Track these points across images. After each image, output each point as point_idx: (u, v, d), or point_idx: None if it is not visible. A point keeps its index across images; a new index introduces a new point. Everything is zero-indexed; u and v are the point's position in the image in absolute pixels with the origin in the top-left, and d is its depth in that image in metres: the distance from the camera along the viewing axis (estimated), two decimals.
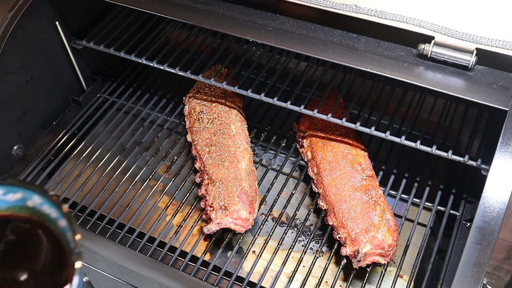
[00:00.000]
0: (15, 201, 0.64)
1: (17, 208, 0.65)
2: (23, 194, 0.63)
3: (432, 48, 0.92)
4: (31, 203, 0.63)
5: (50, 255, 0.63)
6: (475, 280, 0.83)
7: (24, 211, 0.64)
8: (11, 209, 0.65)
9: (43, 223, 0.64)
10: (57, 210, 0.61)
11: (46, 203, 0.62)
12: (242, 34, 1.02)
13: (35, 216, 0.64)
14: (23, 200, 0.64)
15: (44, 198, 0.62)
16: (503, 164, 0.85)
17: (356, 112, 1.38)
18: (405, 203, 1.19)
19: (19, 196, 0.64)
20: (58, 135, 1.37)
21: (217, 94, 1.32)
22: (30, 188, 0.63)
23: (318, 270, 1.13)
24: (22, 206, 0.64)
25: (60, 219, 0.61)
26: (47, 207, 0.63)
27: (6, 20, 1.16)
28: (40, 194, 0.62)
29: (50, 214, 0.63)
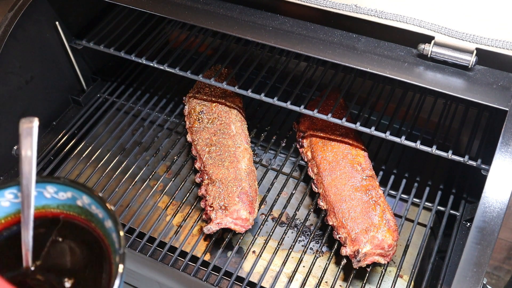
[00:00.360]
0: (65, 199, 0.66)
1: (66, 206, 0.67)
2: (73, 193, 0.66)
3: (432, 48, 0.92)
4: (80, 203, 0.66)
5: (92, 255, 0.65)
6: (475, 280, 0.83)
7: (73, 210, 0.67)
8: (61, 207, 0.67)
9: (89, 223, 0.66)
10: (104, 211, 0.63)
11: (94, 203, 0.64)
12: (242, 34, 1.02)
13: (83, 215, 0.66)
14: (73, 199, 0.66)
15: (92, 199, 0.64)
16: (503, 164, 0.85)
17: (356, 112, 1.38)
18: (405, 203, 1.19)
19: (69, 195, 0.66)
20: (58, 135, 1.37)
21: (217, 94, 1.32)
22: (80, 188, 0.65)
23: (318, 270, 1.13)
24: (71, 205, 0.67)
25: (107, 219, 0.63)
26: (95, 208, 0.64)
27: (6, 20, 1.16)
28: (89, 194, 0.64)
29: (98, 214, 0.64)
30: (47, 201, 0.67)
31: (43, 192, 0.66)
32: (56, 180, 0.65)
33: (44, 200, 0.67)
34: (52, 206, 0.68)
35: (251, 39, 1.01)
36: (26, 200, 0.63)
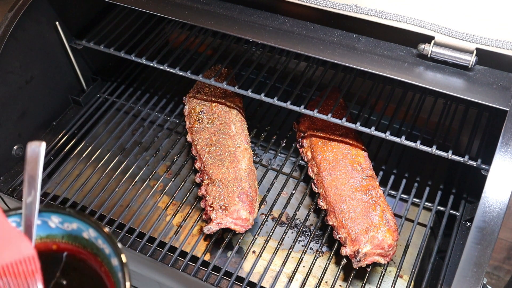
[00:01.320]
0: (70, 230, 0.64)
1: (71, 237, 0.65)
2: (79, 225, 0.64)
3: (432, 48, 0.92)
4: (86, 235, 0.64)
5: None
6: (475, 280, 0.83)
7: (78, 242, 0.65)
8: (66, 237, 0.65)
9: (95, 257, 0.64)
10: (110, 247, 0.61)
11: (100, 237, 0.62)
12: (242, 34, 1.02)
13: (89, 248, 0.64)
14: (79, 231, 0.64)
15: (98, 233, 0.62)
16: (503, 164, 0.85)
17: (356, 112, 1.38)
18: (405, 203, 1.19)
19: (75, 226, 0.64)
20: (58, 135, 1.37)
21: (217, 94, 1.32)
22: (86, 220, 0.63)
23: (318, 270, 1.13)
24: (77, 236, 0.65)
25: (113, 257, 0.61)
26: (101, 242, 0.62)
27: (6, 20, 1.16)
28: (95, 228, 0.62)
29: (104, 250, 0.62)
30: (51, 231, 0.65)
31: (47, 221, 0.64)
32: (61, 211, 0.63)
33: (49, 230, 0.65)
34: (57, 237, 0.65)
35: (251, 39, 1.01)
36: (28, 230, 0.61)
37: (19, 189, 1.25)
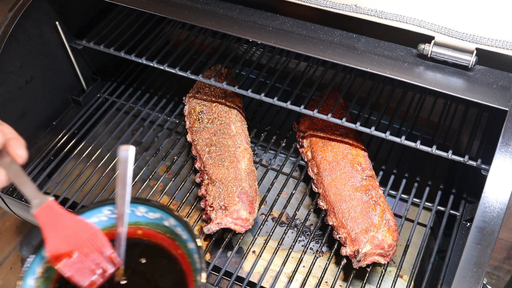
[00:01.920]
0: (153, 219, 0.76)
1: (154, 224, 0.76)
2: (162, 215, 0.75)
3: (432, 48, 0.92)
4: (166, 223, 0.75)
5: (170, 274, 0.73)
6: (475, 280, 0.83)
7: (159, 228, 0.76)
8: (149, 225, 0.76)
9: (173, 241, 0.74)
10: (188, 233, 0.72)
11: (179, 226, 0.73)
12: (242, 34, 1.02)
13: (168, 234, 0.75)
14: (161, 220, 0.75)
15: (178, 222, 0.73)
16: (503, 164, 0.85)
17: (356, 112, 1.38)
18: (405, 203, 1.19)
19: (158, 216, 0.75)
20: (58, 135, 1.37)
21: (217, 94, 1.32)
22: (168, 211, 0.74)
23: (318, 270, 1.13)
24: (158, 224, 0.76)
25: (190, 241, 0.71)
26: (180, 230, 0.73)
27: (6, 20, 1.16)
28: (175, 217, 0.73)
29: (181, 236, 0.73)
30: (138, 219, 0.76)
31: (135, 211, 0.75)
32: (147, 202, 0.75)
33: (135, 217, 0.76)
34: (142, 223, 0.76)
35: (251, 39, 1.01)
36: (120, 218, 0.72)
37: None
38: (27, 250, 2.11)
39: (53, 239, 0.68)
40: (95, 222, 0.74)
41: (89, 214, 0.74)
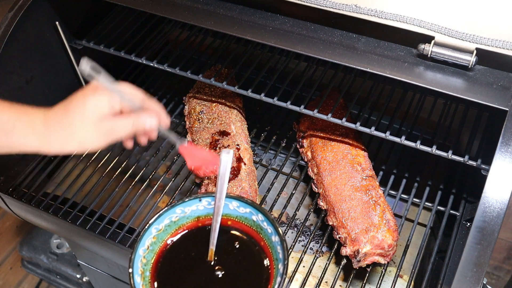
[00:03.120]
0: (243, 213, 0.88)
1: (243, 218, 0.88)
2: (251, 210, 0.87)
3: (432, 48, 0.92)
4: (254, 218, 0.87)
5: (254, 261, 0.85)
6: (475, 280, 0.83)
7: (247, 222, 0.88)
8: (239, 218, 0.89)
9: (257, 234, 0.87)
10: (273, 228, 0.84)
11: (266, 221, 0.86)
12: (242, 34, 1.02)
13: (254, 227, 0.88)
14: (250, 214, 0.87)
15: (265, 217, 0.86)
16: (503, 164, 0.85)
17: (356, 112, 1.37)
18: (405, 203, 1.19)
19: (248, 210, 0.88)
20: None
21: (217, 94, 1.32)
22: (258, 207, 0.87)
23: (318, 270, 1.13)
24: (247, 218, 0.88)
25: (274, 235, 0.84)
26: (266, 224, 0.85)
27: (6, 20, 1.16)
28: (263, 213, 0.86)
29: (267, 230, 0.85)
30: (229, 212, 0.88)
31: (228, 204, 0.87)
32: (241, 199, 0.88)
33: (228, 210, 0.88)
34: (232, 216, 0.89)
35: (251, 39, 1.01)
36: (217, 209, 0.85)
37: (19, 189, 1.25)
38: (27, 250, 2.11)
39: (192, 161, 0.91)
40: (193, 210, 0.88)
41: (190, 203, 0.88)
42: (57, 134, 0.82)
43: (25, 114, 0.83)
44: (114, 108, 0.82)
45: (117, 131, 0.84)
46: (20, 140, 0.82)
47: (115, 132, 0.84)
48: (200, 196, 0.87)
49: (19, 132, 0.81)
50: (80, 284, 2.10)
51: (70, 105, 0.82)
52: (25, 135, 0.82)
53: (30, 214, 1.27)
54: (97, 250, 1.29)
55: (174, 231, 0.87)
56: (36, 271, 2.18)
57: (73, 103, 0.82)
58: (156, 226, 0.85)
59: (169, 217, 0.86)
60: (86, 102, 0.81)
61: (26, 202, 1.22)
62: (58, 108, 0.84)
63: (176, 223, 0.87)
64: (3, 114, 0.82)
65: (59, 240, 2.13)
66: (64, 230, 1.26)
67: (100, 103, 0.81)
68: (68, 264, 2.09)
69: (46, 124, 0.82)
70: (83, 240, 1.24)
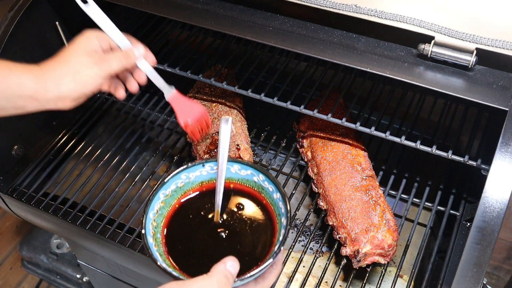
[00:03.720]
0: (245, 175, 0.91)
1: (244, 180, 0.92)
2: (252, 171, 0.91)
3: (432, 48, 0.92)
4: (256, 179, 0.91)
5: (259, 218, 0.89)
6: (475, 280, 0.83)
7: (249, 184, 0.92)
8: (241, 181, 0.92)
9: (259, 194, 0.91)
10: (274, 186, 0.88)
11: (267, 180, 0.89)
12: (242, 34, 1.02)
13: (256, 188, 0.91)
14: (251, 176, 0.91)
15: (266, 176, 0.89)
16: (503, 164, 0.85)
17: (356, 112, 1.37)
18: (405, 203, 1.19)
19: (249, 172, 0.91)
20: (58, 135, 1.37)
21: (217, 94, 1.32)
22: (258, 168, 0.90)
23: (318, 270, 1.13)
24: (248, 180, 0.92)
25: (276, 192, 0.87)
26: (267, 183, 0.89)
27: (6, 20, 1.16)
28: (264, 173, 0.89)
29: (268, 188, 0.89)
30: (231, 175, 0.92)
31: (230, 168, 0.91)
32: (242, 161, 0.92)
33: (230, 174, 0.91)
34: (234, 179, 0.92)
35: (251, 39, 1.01)
36: (220, 172, 0.89)
37: (19, 189, 1.25)
38: (27, 250, 2.11)
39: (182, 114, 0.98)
40: (197, 176, 0.92)
41: (194, 169, 0.91)
42: (52, 71, 0.89)
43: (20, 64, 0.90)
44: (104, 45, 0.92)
45: (109, 61, 0.91)
46: (16, 81, 0.86)
47: (107, 62, 0.91)
48: (203, 161, 0.91)
49: (15, 73, 0.87)
50: (80, 284, 2.10)
51: (63, 49, 0.91)
52: (21, 75, 0.87)
53: (30, 214, 1.27)
54: (97, 250, 1.29)
55: (181, 196, 0.91)
56: (36, 271, 2.18)
57: (64, 48, 0.91)
58: (163, 192, 0.89)
59: (175, 182, 0.90)
60: (77, 41, 0.91)
61: (26, 202, 1.22)
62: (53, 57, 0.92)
63: (181, 189, 0.91)
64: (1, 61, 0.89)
65: (59, 240, 2.13)
66: (64, 230, 1.26)
67: (90, 40, 0.91)
68: (68, 264, 2.09)
69: (42, 66, 0.90)
70: (83, 240, 1.25)
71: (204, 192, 0.93)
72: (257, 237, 0.86)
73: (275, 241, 0.83)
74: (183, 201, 0.91)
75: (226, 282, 0.72)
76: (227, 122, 0.91)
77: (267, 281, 0.80)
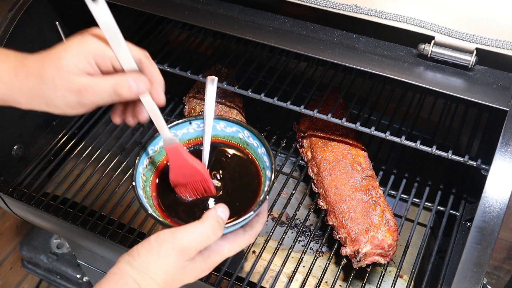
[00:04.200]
0: (230, 132, 0.94)
1: (229, 137, 0.94)
2: (237, 128, 0.93)
3: (432, 48, 0.92)
4: (241, 135, 0.93)
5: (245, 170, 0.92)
6: (475, 280, 0.83)
7: (234, 140, 0.94)
8: (226, 137, 0.94)
9: (244, 149, 0.93)
10: (259, 141, 0.90)
11: (251, 136, 0.91)
12: (242, 34, 1.02)
13: (241, 144, 0.94)
14: (236, 133, 0.93)
15: (251, 132, 0.91)
16: (503, 164, 0.85)
17: (356, 112, 1.37)
18: (405, 203, 1.19)
19: (234, 129, 0.93)
20: (58, 135, 1.37)
21: (217, 94, 1.32)
22: (243, 125, 0.92)
23: (318, 270, 1.13)
24: (234, 136, 0.94)
25: (260, 147, 0.90)
26: (252, 139, 0.91)
27: (6, 20, 1.16)
28: (249, 129, 0.91)
29: (253, 144, 0.92)
30: (217, 132, 0.94)
31: (216, 125, 0.93)
32: (227, 118, 0.93)
33: (216, 131, 0.94)
34: (220, 136, 0.94)
35: (251, 39, 1.01)
36: (207, 129, 0.90)
37: (19, 189, 1.25)
38: (27, 250, 2.11)
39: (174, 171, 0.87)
40: (184, 133, 0.93)
41: (181, 126, 0.92)
42: (25, 88, 0.72)
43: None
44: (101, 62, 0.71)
45: (93, 92, 0.70)
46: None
47: (90, 93, 0.70)
48: (190, 119, 0.92)
49: None
50: (80, 284, 2.10)
51: (49, 54, 0.72)
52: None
53: (30, 214, 1.27)
54: (97, 250, 1.29)
55: None
56: (36, 271, 2.18)
57: (52, 52, 0.72)
58: (151, 148, 0.91)
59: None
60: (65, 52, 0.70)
61: (26, 202, 1.22)
62: (37, 56, 0.73)
63: None
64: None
65: (59, 240, 2.13)
66: (64, 230, 1.26)
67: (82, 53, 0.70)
68: (68, 264, 2.09)
69: (17, 73, 0.72)
70: (83, 240, 1.24)
71: (191, 149, 0.94)
72: (243, 189, 0.89)
73: (260, 192, 0.86)
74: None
75: (218, 227, 0.74)
76: (212, 82, 0.92)
77: (254, 229, 0.82)
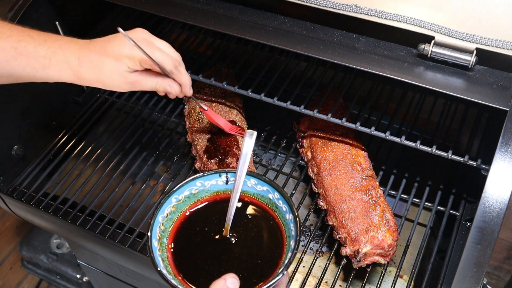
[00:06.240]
0: (260, 191, 0.91)
1: (259, 196, 0.91)
2: (268, 188, 0.90)
3: (432, 48, 0.92)
4: (271, 196, 0.90)
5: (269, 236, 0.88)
6: (475, 280, 0.83)
7: (263, 200, 0.91)
8: (255, 195, 0.92)
9: (273, 212, 0.90)
10: (288, 206, 0.87)
11: (282, 199, 0.88)
12: (242, 34, 1.02)
13: (269, 205, 0.90)
14: (266, 192, 0.90)
15: (281, 195, 0.88)
16: (503, 164, 0.85)
17: (356, 112, 1.37)
18: (405, 203, 1.19)
19: (265, 188, 0.90)
20: (58, 135, 1.37)
21: (217, 94, 1.32)
22: (275, 186, 0.89)
23: (318, 270, 1.13)
24: (264, 196, 0.91)
25: (289, 213, 0.87)
26: (281, 203, 0.88)
27: (6, 20, 1.16)
28: (280, 191, 0.88)
29: (282, 208, 0.88)
30: (247, 189, 0.91)
31: (247, 182, 0.90)
32: (259, 177, 0.90)
33: (246, 187, 0.91)
34: (249, 193, 0.92)
35: (251, 39, 1.01)
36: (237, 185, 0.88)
37: (19, 189, 1.25)
38: (27, 250, 2.11)
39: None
40: (213, 184, 0.92)
41: (211, 177, 0.91)
42: (89, 74, 0.93)
43: (60, 49, 0.92)
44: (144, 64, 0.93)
45: (141, 85, 0.95)
46: (56, 74, 0.95)
47: (139, 85, 0.95)
48: (220, 171, 0.91)
49: (55, 67, 0.93)
50: (80, 284, 2.10)
51: (106, 52, 0.91)
52: (61, 70, 0.93)
53: (30, 214, 1.27)
54: (97, 250, 1.29)
55: (193, 203, 0.90)
56: (36, 271, 2.18)
57: (108, 51, 0.91)
58: (176, 196, 0.88)
59: (189, 189, 0.90)
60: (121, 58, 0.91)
61: (26, 202, 1.22)
62: (95, 47, 0.92)
63: (195, 196, 0.91)
64: (40, 47, 0.92)
65: (59, 240, 2.13)
66: (64, 230, 1.26)
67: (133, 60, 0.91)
68: (68, 264, 2.09)
69: (80, 63, 0.92)
70: (83, 240, 1.25)
71: (218, 202, 0.91)
72: (263, 256, 0.84)
73: (281, 263, 0.81)
74: (195, 209, 0.90)
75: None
76: (251, 136, 0.91)
77: None
